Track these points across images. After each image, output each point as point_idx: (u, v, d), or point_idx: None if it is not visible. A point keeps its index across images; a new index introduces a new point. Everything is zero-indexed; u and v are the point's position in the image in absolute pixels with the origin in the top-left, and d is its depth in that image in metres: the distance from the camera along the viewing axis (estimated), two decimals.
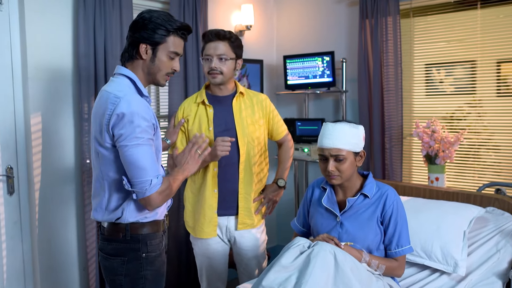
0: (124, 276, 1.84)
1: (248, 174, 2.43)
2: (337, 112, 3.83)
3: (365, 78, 3.50)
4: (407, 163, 3.49)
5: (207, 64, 2.38)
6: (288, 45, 4.10)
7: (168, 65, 1.86)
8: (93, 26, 2.83)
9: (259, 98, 2.50)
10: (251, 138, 2.42)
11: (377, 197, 1.99)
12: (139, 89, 1.83)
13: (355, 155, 1.97)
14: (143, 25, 1.80)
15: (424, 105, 3.40)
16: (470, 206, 2.46)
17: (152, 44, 1.81)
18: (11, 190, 2.72)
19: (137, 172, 1.71)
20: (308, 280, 1.68)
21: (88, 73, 2.83)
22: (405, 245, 1.97)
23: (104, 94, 1.79)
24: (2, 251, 2.71)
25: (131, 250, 1.84)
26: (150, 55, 1.82)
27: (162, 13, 1.83)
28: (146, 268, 1.85)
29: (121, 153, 1.73)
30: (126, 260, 1.84)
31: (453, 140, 3.07)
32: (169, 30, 1.81)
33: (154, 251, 1.87)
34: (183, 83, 3.36)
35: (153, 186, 1.72)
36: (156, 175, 1.74)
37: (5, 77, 2.67)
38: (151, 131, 1.75)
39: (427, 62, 3.36)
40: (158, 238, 1.90)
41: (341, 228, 2.00)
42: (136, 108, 1.71)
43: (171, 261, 3.38)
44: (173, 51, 1.84)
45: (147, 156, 1.72)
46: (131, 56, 1.84)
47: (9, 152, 2.71)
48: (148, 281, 1.86)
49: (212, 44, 2.36)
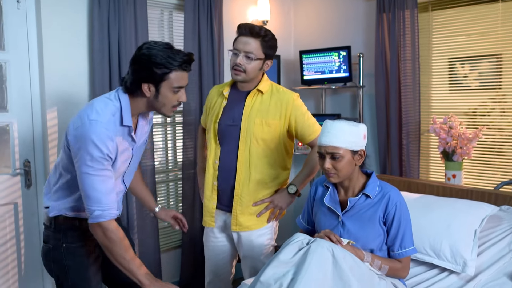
0: (52, 262, 1.95)
1: (246, 175, 2.31)
2: (354, 108, 3.78)
3: (382, 73, 3.44)
4: (425, 160, 3.41)
5: (233, 58, 2.28)
6: (306, 40, 4.07)
7: (173, 99, 1.82)
8: (107, 22, 2.87)
9: (282, 98, 2.32)
10: (255, 138, 2.29)
11: (380, 197, 1.94)
12: (123, 118, 1.82)
13: (354, 153, 1.92)
14: (143, 64, 1.75)
15: (443, 100, 3.32)
16: (483, 204, 2.39)
17: (155, 83, 1.78)
18: (28, 183, 2.80)
19: (84, 196, 1.78)
20: (304, 276, 1.66)
21: (102, 69, 2.88)
22: (408, 247, 1.93)
23: (81, 112, 1.82)
24: (20, 242, 2.80)
25: (55, 238, 1.93)
26: (153, 92, 1.79)
27: (162, 47, 1.77)
28: (67, 258, 1.92)
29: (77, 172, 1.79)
30: (52, 248, 1.94)
31: (471, 137, 2.98)
32: (171, 68, 1.76)
33: (74, 242, 1.92)
34: (198, 79, 3.38)
35: (95, 217, 1.76)
36: (100, 207, 1.76)
37: (22, 74, 2.75)
38: (104, 162, 1.76)
39: (447, 56, 3.28)
40: (80, 230, 1.94)
41: (343, 228, 1.98)
42: (95, 136, 1.72)
43: (186, 256, 3.43)
44: (176, 86, 1.80)
45: (96, 186, 1.74)
46: (134, 91, 1.81)
47: (26, 147, 2.79)
48: (71, 270, 1.92)
49: (243, 39, 2.24)
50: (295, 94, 2.37)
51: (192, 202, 3.38)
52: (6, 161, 2.74)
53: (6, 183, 2.74)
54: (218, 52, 3.43)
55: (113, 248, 1.78)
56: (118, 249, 1.78)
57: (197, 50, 3.33)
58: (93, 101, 1.85)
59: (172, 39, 3.42)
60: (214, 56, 3.40)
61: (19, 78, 2.74)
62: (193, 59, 1.83)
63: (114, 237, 1.78)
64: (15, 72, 2.72)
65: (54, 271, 1.97)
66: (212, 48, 3.39)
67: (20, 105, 2.76)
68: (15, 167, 2.76)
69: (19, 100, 2.75)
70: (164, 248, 3.45)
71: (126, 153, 1.91)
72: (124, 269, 1.80)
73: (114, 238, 1.78)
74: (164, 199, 3.54)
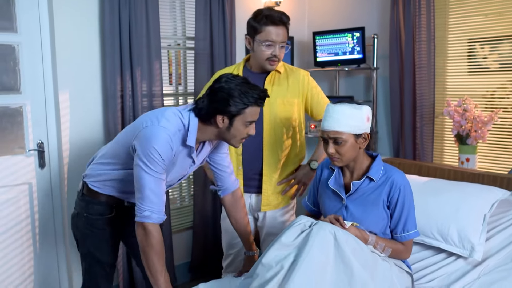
0: (75, 227, 2.10)
1: (273, 155, 2.40)
2: (368, 90, 3.73)
3: (396, 54, 3.37)
4: (439, 143, 3.36)
5: (269, 50, 2.26)
6: (320, 20, 4.00)
7: (244, 132, 1.86)
8: (118, 4, 2.86)
9: (297, 76, 2.41)
10: (279, 118, 2.37)
11: (383, 180, 1.92)
12: (187, 138, 1.84)
13: (357, 137, 1.89)
14: (221, 97, 1.79)
15: (460, 82, 3.24)
16: (493, 188, 2.34)
17: (229, 116, 1.81)
18: (42, 164, 2.86)
19: (138, 195, 1.82)
20: (305, 259, 1.67)
21: (113, 51, 2.89)
22: (411, 230, 1.91)
23: (154, 112, 1.88)
24: (35, 221, 2.88)
25: (80, 206, 2.07)
26: (226, 124, 1.83)
27: (240, 81, 1.81)
28: (86, 227, 2.05)
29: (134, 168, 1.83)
30: (76, 214, 2.09)
31: (486, 120, 2.92)
32: (247, 104, 1.80)
33: (94, 215, 2.03)
34: (210, 61, 3.37)
35: (143, 216, 1.80)
36: (151, 208, 1.79)
37: (35, 56, 2.78)
38: (162, 166, 1.79)
39: (463, 37, 3.19)
40: (103, 206, 2.04)
41: (346, 211, 1.97)
42: (158, 140, 1.77)
43: (197, 237, 3.47)
44: (249, 121, 1.84)
45: (151, 186, 1.78)
46: (207, 120, 1.84)
47: (40, 128, 2.84)
48: (88, 238, 2.06)
49: (275, 30, 2.24)
50: (306, 71, 2.47)
51: (204, 183, 3.40)
52: (20, 142, 2.80)
53: (21, 164, 2.80)
54: (230, 33, 3.41)
55: (149, 252, 1.81)
56: (153, 254, 1.81)
57: (208, 31, 3.32)
58: (167, 108, 1.89)
59: (184, 20, 3.41)
60: (226, 38, 3.38)
61: (31, 61, 2.77)
62: (268, 95, 1.87)
63: (154, 242, 1.80)
64: (28, 55, 2.76)
65: (75, 235, 2.13)
66: (224, 29, 3.36)
67: (33, 87, 2.80)
68: (29, 148, 2.81)
69: (32, 82, 2.79)
70: (176, 229, 3.49)
71: (181, 171, 1.98)
72: (150, 274, 1.83)
73: (153, 243, 1.80)
74: None
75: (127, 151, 1.88)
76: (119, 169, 1.95)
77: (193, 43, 3.34)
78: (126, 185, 1.96)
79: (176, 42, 3.46)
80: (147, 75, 3.03)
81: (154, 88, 3.09)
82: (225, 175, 2.13)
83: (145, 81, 3.03)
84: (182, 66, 3.50)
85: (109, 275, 2.13)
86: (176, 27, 3.41)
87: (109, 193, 2.02)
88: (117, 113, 2.94)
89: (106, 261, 2.09)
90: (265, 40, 2.26)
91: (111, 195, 2.02)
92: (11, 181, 2.77)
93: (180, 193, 3.62)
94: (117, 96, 2.93)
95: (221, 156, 2.10)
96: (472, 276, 2.05)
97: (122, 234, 2.16)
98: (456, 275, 2.08)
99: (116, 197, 2.03)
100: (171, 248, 3.30)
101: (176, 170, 1.94)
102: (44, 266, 2.92)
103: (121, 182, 1.98)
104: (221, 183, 2.16)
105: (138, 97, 2.99)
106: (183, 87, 3.53)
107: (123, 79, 2.94)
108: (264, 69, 2.36)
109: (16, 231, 2.80)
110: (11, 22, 2.70)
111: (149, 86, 3.06)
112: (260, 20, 2.26)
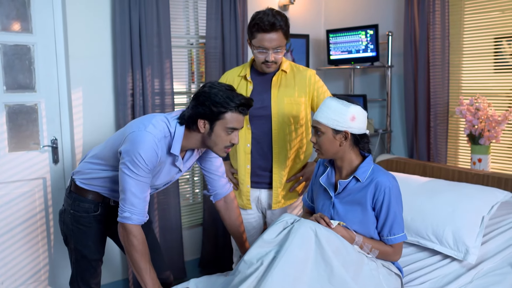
0: (62, 223, 2.16)
1: (282, 152, 2.41)
2: (382, 88, 3.67)
3: (410, 52, 3.31)
4: (453, 143, 3.27)
5: (262, 56, 2.28)
6: (336, 18, 3.97)
7: (226, 139, 1.87)
8: (129, 3, 2.94)
9: (304, 75, 2.41)
10: (287, 117, 2.38)
11: (369, 181, 1.89)
12: (171, 146, 1.88)
13: (335, 133, 1.88)
14: (203, 100, 1.82)
15: (475, 80, 3.14)
16: (495, 190, 2.26)
17: (210, 120, 1.84)
18: (56, 159, 2.98)
19: (121, 196, 1.86)
20: (284, 255, 1.67)
21: (124, 49, 2.97)
22: (397, 233, 1.87)
23: (141, 119, 1.93)
24: (49, 215, 3.00)
25: (67, 202, 2.12)
26: (207, 129, 1.85)
27: (224, 88, 1.84)
28: (72, 223, 2.10)
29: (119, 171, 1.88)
30: (64, 210, 2.15)
31: (500, 119, 2.82)
32: (227, 108, 1.82)
33: (80, 212, 2.08)
34: (221, 59, 3.40)
35: (123, 217, 1.85)
36: (131, 210, 1.84)
37: (49, 56, 2.90)
38: (145, 170, 1.83)
39: (479, 34, 3.09)
40: (89, 203, 2.08)
41: (333, 209, 1.96)
42: (143, 145, 1.81)
43: (207, 234, 3.51)
44: (231, 127, 1.85)
45: (133, 189, 1.83)
46: (190, 125, 1.88)
47: (54, 125, 2.96)
48: (74, 235, 2.11)
49: (267, 36, 2.22)
50: (313, 70, 2.47)
51: None
52: (35, 138, 2.93)
53: (35, 159, 2.93)
54: (242, 31, 3.43)
55: (131, 251, 1.87)
56: (135, 254, 1.87)
57: (220, 30, 3.35)
58: (155, 114, 1.94)
59: (197, 18, 3.46)
60: (237, 36, 3.40)
61: (46, 60, 2.89)
62: (251, 104, 1.88)
63: (135, 242, 1.86)
64: (43, 54, 2.88)
65: (62, 230, 2.18)
66: (236, 27, 3.38)
67: (47, 86, 2.92)
68: (43, 144, 2.94)
69: (46, 81, 2.91)
70: (186, 226, 3.55)
71: (167, 177, 2.03)
72: (136, 272, 1.89)
73: (135, 243, 1.87)
74: (189, 174, 3.64)
75: (115, 155, 1.93)
76: (107, 170, 2.02)
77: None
78: (113, 184, 2.03)
79: (189, 42, 3.51)
80: (157, 73, 3.10)
81: (165, 86, 3.15)
82: (215, 178, 2.16)
83: (156, 79, 3.11)
84: (195, 65, 3.55)
85: (95, 269, 2.18)
86: (189, 26, 3.46)
87: (96, 191, 2.07)
88: (127, 111, 3.03)
89: (91, 257, 2.14)
90: (258, 46, 2.27)
91: (98, 193, 2.08)
92: (26, 175, 2.90)
93: (193, 189, 3.68)
94: (128, 94, 3.02)
95: (210, 161, 2.14)
96: (465, 280, 1.99)
97: (110, 232, 2.21)
98: (449, 278, 2.02)
99: (103, 195, 2.09)
100: (181, 244, 3.36)
101: (162, 177, 1.99)
102: (58, 258, 3.04)
103: (108, 181, 2.04)
104: (212, 186, 2.19)
105: (148, 95, 3.06)
106: (196, 86, 3.59)
107: (133, 78, 3.02)
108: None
109: (32, 223, 2.93)
110: (26, 23, 2.83)
111: (161, 85, 3.13)
112: (252, 27, 2.26)
